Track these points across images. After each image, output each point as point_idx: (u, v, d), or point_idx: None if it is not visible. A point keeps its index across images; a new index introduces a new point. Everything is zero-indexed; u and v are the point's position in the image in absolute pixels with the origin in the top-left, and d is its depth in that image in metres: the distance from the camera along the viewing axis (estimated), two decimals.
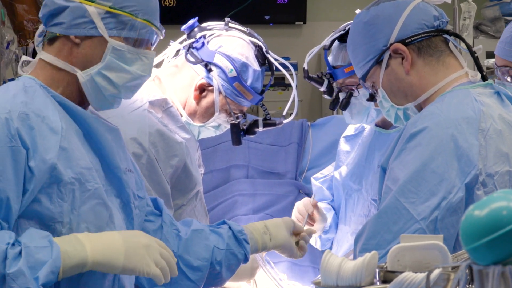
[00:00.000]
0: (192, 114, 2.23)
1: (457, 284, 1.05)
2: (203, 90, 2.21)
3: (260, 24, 5.67)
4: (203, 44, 2.20)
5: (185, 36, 2.25)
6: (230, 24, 2.26)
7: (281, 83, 5.99)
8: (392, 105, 1.94)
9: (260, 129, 2.28)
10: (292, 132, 3.10)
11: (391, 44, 1.90)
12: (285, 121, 2.30)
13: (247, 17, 5.14)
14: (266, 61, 2.27)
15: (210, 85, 2.20)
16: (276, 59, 2.28)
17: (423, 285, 1.14)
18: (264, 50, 2.25)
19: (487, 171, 1.72)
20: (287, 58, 2.80)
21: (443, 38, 1.91)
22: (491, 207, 1.00)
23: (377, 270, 1.25)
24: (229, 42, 2.22)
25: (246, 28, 2.28)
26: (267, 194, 2.96)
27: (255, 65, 2.23)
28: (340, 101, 2.34)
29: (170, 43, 2.27)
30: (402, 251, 1.25)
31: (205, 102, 2.22)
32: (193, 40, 2.21)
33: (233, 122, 2.23)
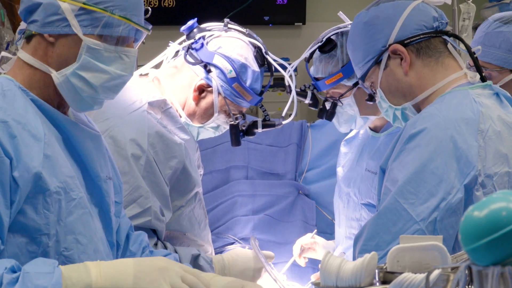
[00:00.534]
0: (191, 115, 2.23)
1: (457, 285, 1.06)
2: (202, 91, 2.21)
3: (260, 25, 5.66)
4: (202, 45, 2.20)
5: (184, 37, 2.25)
6: (229, 25, 2.26)
7: (281, 84, 5.97)
8: (390, 106, 1.95)
9: (260, 130, 2.28)
10: (292, 133, 3.10)
11: (390, 45, 1.90)
12: (284, 122, 2.30)
13: (247, 18, 5.15)
14: (265, 62, 2.27)
15: (209, 86, 2.20)
16: (275, 60, 2.28)
17: (423, 286, 1.14)
18: (263, 51, 2.25)
19: (486, 172, 1.72)
20: (287, 59, 2.81)
21: (442, 39, 1.92)
22: (491, 208, 1.00)
23: (377, 271, 1.25)
24: (228, 43, 2.22)
25: (245, 29, 2.28)
26: (267, 195, 2.96)
27: (254, 66, 2.23)
28: (326, 112, 2.34)
29: (169, 44, 2.27)
30: (402, 252, 1.25)
31: (204, 103, 2.22)
32: (192, 41, 2.21)
33: (232, 123, 2.23)
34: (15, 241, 1.48)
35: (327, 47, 2.30)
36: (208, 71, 2.19)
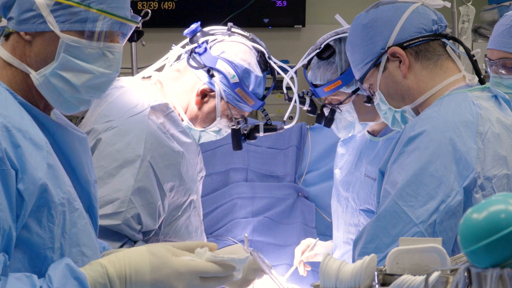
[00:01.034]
0: (194, 119, 2.22)
1: (456, 287, 1.06)
2: (205, 96, 2.20)
3: (259, 27, 5.66)
4: (206, 50, 2.19)
5: (187, 40, 2.24)
6: (233, 29, 2.25)
7: (281, 86, 5.98)
8: (390, 108, 1.95)
9: (261, 134, 2.28)
10: (291, 135, 3.10)
11: (389, 47, 1.90)
12: (286, 127, 2.30)
13: (246, 20, 5.14)
14: (268, 67, 2.26)
15: (212, 91, 2.19)
16: (278, 64, 2.27)
17: None
18: (267, 56, 2.24)
19: (485, 175, 1.72)
20: (286, 61, 2.80)
21: (441, 42, 1.92)
22: (489, 210, 1.00)
23: (376, 273, 1.25)
24: (232, 48, 2.21)
25: (249, 33, 2.27)
26: (266, 197, 2.96)
27: (257, 71, 2.22)
28: (325, 117, 2.34)
29: (172, 47, 2.26)
30: (401, 254, 1.25)
31: (207, 108, 2.21)
32: (196, 45, 2.20)
33: (234, 128, 2.23)
34: (18, 257, 1.39)
35: (326, 54, 2.29)
36: (211, 76, 2.18)
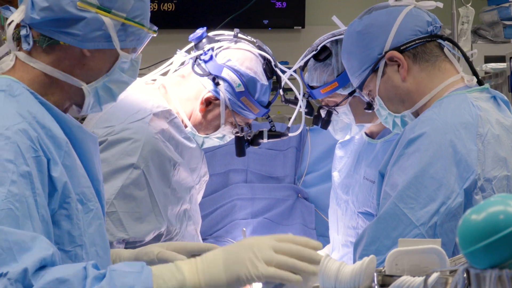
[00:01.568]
0: (197, 126, 2.19)
1: None
2: (209, 103, 2.17)
3: (259, 29, 5.67)
4: (211, 57, 2.15)
5: (192, 45, 2.21)
6: (239, 35, 2.22)
7: (284, 89, 5.98)
8: (390, 113, 1.94)
9: (265, 141, 2.26)
10: (291, 137, 3.10)
11: (386, 52, 1.90)
12: (291, 134, 2.29)
13: (246, 22, 5.14)
14: (274, 74, 2.25)
15: (217, 99, 2.16)
16: (283, 71, 2.26)
17: None
18: (273, 64, 2.22)
19: (486, 176, 1.72)
20: (286, 63, 2.81)
21: (438, 43, 1.92)
22: (488, 211, 1.00)
23: (375, 274, 1.26)
24: (238, 56, 2.18)
25: (255, 40, 2.25)
26: (266, 198, 2.96)
27: (263, 80, 2.19)
28: (322, 119, 2.34)
29: (177, 52, 2.25)
30: (400, 255, 1.25)
31: (211, 115, 2.19)
32: (201, 52, 2.17)
33: (238, 135, 2.21)
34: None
35: (322, 56, 2.28)
36: (217, 84, 2.15)
